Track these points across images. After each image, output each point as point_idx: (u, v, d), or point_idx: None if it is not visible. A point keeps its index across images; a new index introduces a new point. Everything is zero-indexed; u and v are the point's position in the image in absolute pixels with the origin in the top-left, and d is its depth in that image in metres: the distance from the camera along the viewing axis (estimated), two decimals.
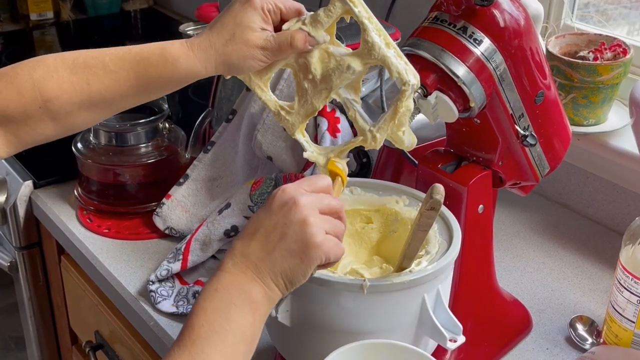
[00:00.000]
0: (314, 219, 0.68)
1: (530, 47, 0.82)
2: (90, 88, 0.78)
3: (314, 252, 0.67)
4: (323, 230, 0.68)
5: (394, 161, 1.06)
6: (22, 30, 2.13)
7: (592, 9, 1.33)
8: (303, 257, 0.67)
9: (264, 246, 0.68)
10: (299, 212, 0.67)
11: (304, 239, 0.67)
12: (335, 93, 0.80)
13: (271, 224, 0.68)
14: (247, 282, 0.67)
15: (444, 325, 0.78)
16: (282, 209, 0.68)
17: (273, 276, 0.68)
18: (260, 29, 0.77)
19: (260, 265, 0.68)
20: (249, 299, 0.67)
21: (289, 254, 0.67)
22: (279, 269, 0.68)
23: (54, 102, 0.78)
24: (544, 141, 0.89)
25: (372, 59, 0.76)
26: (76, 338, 1.43)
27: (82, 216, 1.24)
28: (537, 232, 1.22)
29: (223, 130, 1.19)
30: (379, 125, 0.78)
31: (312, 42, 0.78)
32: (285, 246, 0.67)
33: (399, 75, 0.75)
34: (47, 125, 0.79)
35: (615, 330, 0.92)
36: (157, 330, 1.01)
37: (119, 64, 0.78)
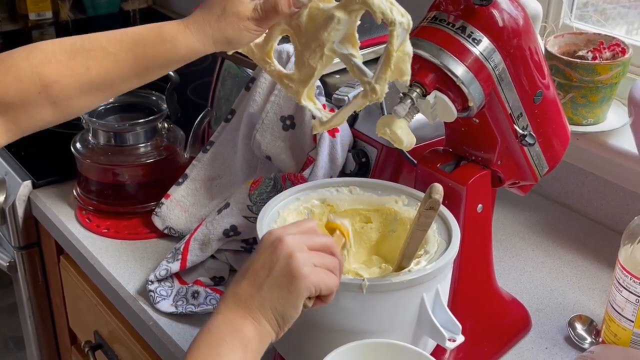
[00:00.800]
0: (300, 253, 0.69)
1: (529, 46, 0.82)
2: (90, 72, 0.78)
3: (301, 282, 0.69)
4: (311, 263, 0.70)
5: (393, 161, 1.06)
6: (21, 30, 2.13)
7: (591, 9, 1.33)
8: (291, 289, 0.69)
9: (253, 284, 0.70)
10: (285, 249, 0.69)
11: (290, 271, 0.69)
12: (329, 49, 0.78)
13: (259, 263, 0.70)
14: (238, 320, 0.69)
15: (443, 324, 0.78)
16: (269, 248, 0.70)
17: (263, 312, 0.69)
18: (248, 1, 0.78)
19: (249, 302, 0.69)
20: (240, 335, 0.68)
21: (277, 287, 0.69)
22: (269, 304, 0.69)
23: (53, 87, 0.78)
24: (542, 141, 0.89)
25: (356, 5, 0.75)
26: (75, 338, 1.43)
27: (81, 216, 1.24)
28: (536, 232, 1.22)
29: (222, 130, 1.19)
30: (376, 74, 0.76)
31: (297, 4, 0.78)
32: (272, 281, 0.69)
33: (383, 15, 0.73)
34: (46, 111, 0.79)
35: (614, 330, 0.92)
36: (156, 330, 1.01)
37: (117, 46, 0.78)
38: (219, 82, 1.28)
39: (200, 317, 1.02)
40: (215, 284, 1.06)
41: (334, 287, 0.71)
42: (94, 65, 0.78)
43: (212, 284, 1.06)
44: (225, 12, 0.78)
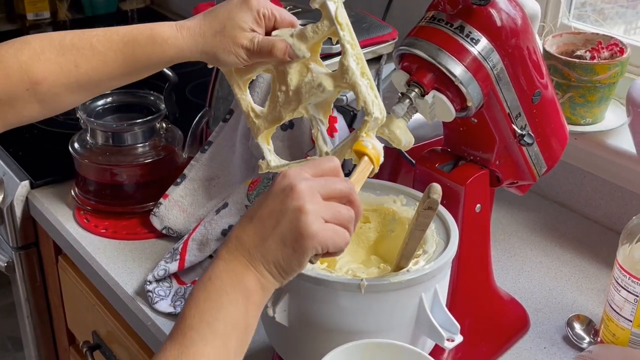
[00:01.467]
0: (311, 206, 0.64)
1: (528, 46, 0.82)
2: (78, 70, 0.78)
3: (307, 242, 0.64)
4: (321, 218, 0.65)
5: (391, 161, 1.06)
6: (19, 29, 2.12)
7: (589, 8, 1.33)
8: (296, 247, 0.65)
9: (259, 232, 0.66)
10: (296, 199, 0.64)
11: (298, 227, 0.64)
12: (304, 107, 0.81)
13: (267, 210, 0.66)
14: (240, 270, 0.65)
15: (441, 324, 0.78)
16: (280, 195, 0.65)
17: (266, 264, 0.66)
18: (250, 30, 0.79)
19: (253, 252, 0.66)
20: (241, 286, 0.65)
21: (282, 243, 0.65)
22: (272, 258, 0.65)
23: (41, 84, 0.78)
24: (541, 140, 0.89)
25: (344, 83, 0.77)
26: (73, 338, 1.43)
27: (79, 216, 1.23)
28: (535, 231, 1.22)
29: (220, 129, 1.19)
30: (336, 149, 0.79)
31: (292, 55, 0.79)
32: (278, 234, 0.65)
33: (364, 105, 0.76)
34: (33, 107, 0.79)
35: (613, 329, 0.92)
36: (155, 330, 1.01)
37: (106, 45, 0.79)
38: (217, 82, 1.28)
39: None
40: None
41: (343, 245, 0.67)
42: (83, 63, 0.78)
43: None
44: (223, 31, 0.79)
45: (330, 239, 0.66)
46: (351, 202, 0.68)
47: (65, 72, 0.78)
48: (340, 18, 0.77)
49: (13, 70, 0.77)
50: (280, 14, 0.81)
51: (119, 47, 0.79)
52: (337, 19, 0.77)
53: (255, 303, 0.66)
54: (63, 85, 0.79)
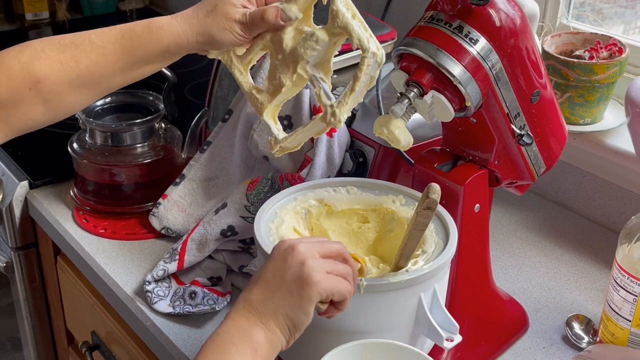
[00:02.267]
0: (312, 260, 0.70)
1: (526, 46, 0.82)
2: (79, 65, 0.79)
3: (312, 288, 0.69)
4: (323, 270, 0.70)
5: (390, 161, 1.06)
6: (18, 30, 2.12)
7: (588, 8, 1.33)
8: (302, 294, 0.69)
9: (265, 290, 0.70)
10: (297, 256, 0.70)
11: (302, 277, 0.69)
12: (302, 69, 0.80)
13: (271, 270, 0.71)
14: (248, 325, 0.69)
15: (440, 324, 0.78)
16: (281, 256, 0.71)
17: (274, 318, 0.69)
18: (241, 6, 0.80)
19: (261, 307, 0.69)
20: (249, 339, 0.68)
21: (289, 294, 0.69)
22: (280, 310, 0.69)
23: (43, 83, 0.78)
24: (540, 140, 0.89)
25: (336, 28, 0.76)
26: (73, 338, 1.43)
27: (78, 216, 1.23)
28: (534, 231, 1.22)
29: (219, 130, 1.18)
30: (339, 98, 0.77)
31: (284, 17, 0.79)
32: (285, 287, 0.70)
33: (359, 42, 0.75)
34: (37, 109, 0.79)
35: (612, 329, 0.92)
36: (154, 331, 1.01)
37: (105, 38, 0.80)
38: (216, 82, 1.28)
39: (198, 318, 1.02)
40: (213, 284, 1.06)
41: (346, 293, 0.72)
42: (83, 58, 0.79)
43: (209, 284, 1.06)
44: (215, 10, 0.80)
45: (334, 285, 0.70)
46: (345, 261, 0.73)
47: (66, 68, 0.79)
48: None
49: (15, 70, 0.78)
50: None
51: (117, 39, 0.80)
52: None
53: (262, 356, 0.69)
54: (65, 82, 0.79)
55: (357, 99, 0.77)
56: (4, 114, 0.78)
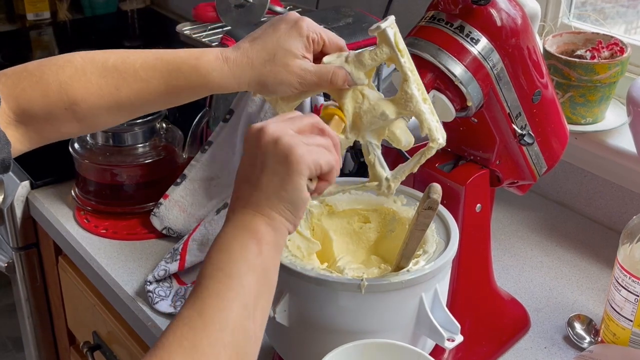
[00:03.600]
0: (287, 136, 0.65)
1: (528, 46, 0.82)
2: (119, 93, 0.77)
3: (299, 163, 0.64)
4: (301, 142, 0.65)
5: (391, 161, 1.05)
6: (19, 30, 2.13)
7: (590, 8, 1.33)
8: (289, 172, 0.64)
9: (249, 181, 0.66)
10: (269, 135, 0.65)
11: (283, 155, 0.64)
12: (360, 135, 0.79)
13: (248, 161, 0.66)
14: (246, 220, 0.65)
15: (441, 324, 0.78)
16: (253, 141, 0.66)
17: (270, 205, 0.65)
18: (301, 57, 0.76)
19: (253, 200, 0.65)
20: (250, 231, 0.65)
21: (274, 175, 0.65)
22: (272, 195, 0.65)
23: (80, 105, 0.76)
24: (541, 140, 0.89)
25: (407, 111, 0.76)
26: (74, 339, 1.43)
27: (79, 216, 1.23)
28: (535, 231, 1.22)
29: (220, 130, 1.19)
30: (396, 175, 0.78)
31: (351, 82, 0.76)
32: (267, 171, 0.65)
33: (429, 132, 0.76)
34: (70, 125, 0.78)
35: (613, 329, 0.92)
36: (155, 331, 1.01)
37: (150, 72, 0.77)
38: None
39: None
40: None
41: (334, 162, 0.67)
42: (124, 88, 0.77)
43: None
44: (274, 60, 0.75)
45: (321, 156, 0.66)
46: (323, 131, 0.68)
47: (105, 94, 0.77)
48: (400, 45, 0.75)
49: (53, 89, 0.76)
50: (328, 38, 0.78)
51: (162, 75, 0.77)
52: (397, 46, 0.74)
53: (269, 244, 0.65)
54: (102, 107, 0.77)
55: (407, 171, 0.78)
56: (38, 126, 0.77)
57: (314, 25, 0.77)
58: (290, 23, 0.77)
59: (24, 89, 0.75)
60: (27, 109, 0.76)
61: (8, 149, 0.74)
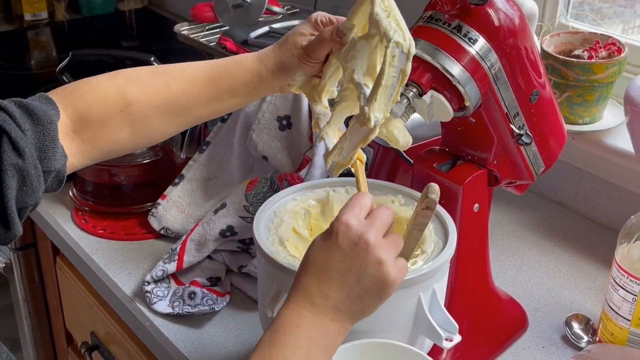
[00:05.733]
0: (386, 255, 0.69)
1: (525, 46, 0.82)
2: (169, 91, 0.83)
3: (391, 289, 0.70)
4: (393, 258, 0.71)
5: (389, 161, 1.06)
6: (17, 30, 2.12)
7: (587, 8, 1.33)
8: (382, 295, 0.70)
9: (342, 289, 0.70)
10: (371, 252, 0.69)
11: (381, 279, 0.69)
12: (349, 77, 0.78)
13: (346, 267, 0.69)
14: (327, 323, 0.69)
15: (440, 324, 0.78)
16: (355, 250, 0.69)
17: (351, 316, 0.70)
18: (309, 34, 0.85)
19: (340, 307, 0.69)
20: (327, 339, 0.69)
21: (368, 295, 0.70)
22: (357, 309, 0.70)
23: (134, 106, 0.82)
24: (539, 140, 0.89)
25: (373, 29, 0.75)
26: (72, 339, 1.43)
27: (77, 217, 1.23)
28: (533, 231, 1.22)
29: (218, 130, 1.18)
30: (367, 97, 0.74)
31: (339, 32, 0.81)
32: (363, 288, 0.69)
33: (384, 34, 0.73)
34: (124, 131, 0.82)
35: (611, 329, 0.92)
36: (153, 331, 1.01)
37: (195, 68, 0.85)
38: None
39: (197, 318, 1.02)
40: (212, 285, 1.06)
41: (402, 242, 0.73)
42: (174, 85, 0.84)
43: (208, 285, 1.06)
44: (286, 40, 0.86)
45: (403, 274, 0.72)
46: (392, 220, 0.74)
47: (157, 92, 0.83)
48: None
49: (109, 92, 0.81)
50: (337, 19, 0.85)
51: (206, 69, 0.85)
52: None
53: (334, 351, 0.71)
54: (154, 107, 0.83)
55: (389, 94, 0.74)
56: (92, 133, 0.80)
57: (324, 13, 0.87)
58: None
59: (82, 95, 0.80)
60: (84, 114, 0.80)
61: (64, 161, 0.77)
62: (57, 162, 0.75)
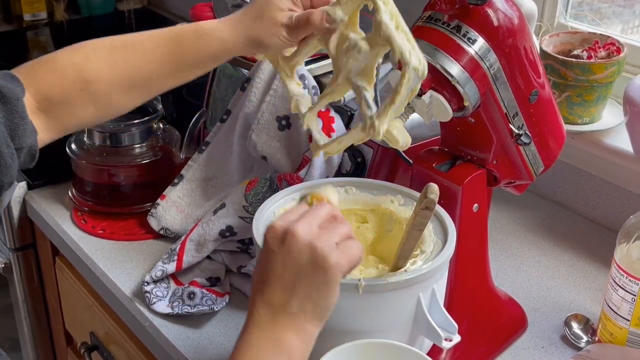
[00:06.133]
0: (318, 241, 0.66)
1: (524, 46, 0.82)
2: (129, 66, 0.81)
3: (336, 269, 0.66)
4: (333, 244, 0.67)
5: (388, 161, 1.06)
6: (16, 30, 2.12)
7: (586, 8, 1.33)
8: (327, 280, 0.66)
9: (283, 288, 0.67)
10: (301, 241, 0.66)
11: (319, 263, 0.66)
12: (345, 76, 0.79)
13: (279, 265, 0.67)
14: (279, 332, 0.66)
15: (439, 324, 0.78)
16: (283, 247, 0.67)
17: (304, 313, 0.67)
18: (287, 9, 0.80)
19: (287, 308, 0.67)
20: (281, 347, 0.66)
21: (312, 284, 0.66)
22: (309, 303, 0.67)
23: (94, 84, 0.80)
24: (538, 140, 0.89)
25: (379, 39, 0.75)
26: (71, 339, 1.43)
27: (76, 217, 1.23)
28: (532, 231, 1.22)
29: (217, 130, 1.19)
30: (379, 110, 0.75)
31: (329, 20, 0.78)
32: (304, 278, 0.66)
33: (400, 55, 0.73)
34: (87, 109, 0.81)
35: (610, 329, 0.92)
36: (152, 331, 1.01)
37: (155, 41, 0.81)
38: (215, 82, 1.28)
39: (197, 318, 1.02)
40: (211, 285, 1.06)
41: (361, 255, 0.69)
42: (133, 60, 0.81)
43: (208, 285, 1.06)
44: (261, 15, 0.80)
45: (350, 256, 0.68)
46: (336, 219, 0.71)
47: (116, 69, 0.80)
48: None
49: (68, 71, 0.79)
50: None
51: (166, 42, 0.81)
52: None
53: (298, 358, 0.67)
54: (115, 84, 0.81)
55: (397, 111, 0.76)
56: (56, 111, 0.80)
57: None
58: None
59: (42, 76, 0.79)
60: (46, 95, 0.79)
61: (35, 136, 0.77)
62: (28, 138, 0.76)
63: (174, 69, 0.82)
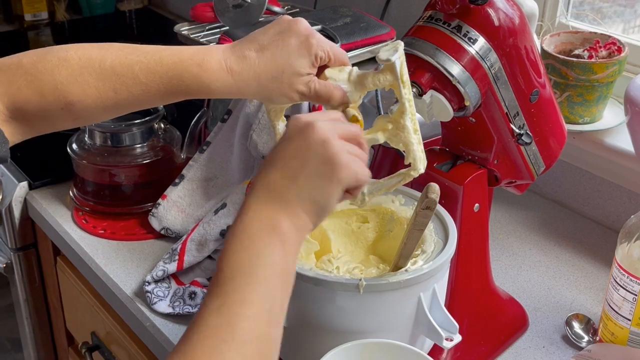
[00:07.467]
0: (335, 140, 0.64)
1: (525, 45, 0.82)
2: (117, 96, 0.75)
3: (343, 171, 0.64)
4: (346, 150, 0.65)
5: (389, 160, 1.06)
6: (17, 30, 2.12)
7: (587, 7, 1.33)
8: (332, 178, 0.64)
9: (286, 174, 0.64)
10: (319, 133, 0.64)
11: (329, 158, 0.64)
12: None
13: (290, 151, 0.65)
14: (272, 215, 0.64)
15: (440, 324, 0.78)
16: (300, 134, 0.65)
17: (301, 203, 0.64)
18: (306, 74, 0.76)
19: (284, 194, 0.64)
20: (276, 232, 0.63)
21: (316, 177, 0.64)
22: (307, 195, 0.64)
23: (76, 106, 0.75)
24: (539, 140, 0.89)
25: (397, 139, 0.75)
26: (72, 339, 1.43)
27: (77, 217, 1.23)
28: (533, 231, 1.22)
29: (218, 130, 1.19)
30: (372, 190, 0.77)
31: (347, 102, 0.77)
32: (310, 170, 0.64)
33: (413, 162, 0.75)
34: (66, 123, 0.77)
35: (612, 328, 0.92)
36: (154, 331, 1.01)
37: (150, 77, 0.75)
38: None
39: None
40: None
41: (366, 180, 0.68)
42: (123, 91, 0.75)
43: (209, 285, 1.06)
44: (281, 77, 0.75)
45: (360, 170, 0.66)
46: (360, 144, 0.68)
47: (102, 97, 0.75)
48: (405, 76, 0.75)
49: (49, 89, 0.74)
50: (334, 55, 0.78)
51: (163, 80, 0.75)
52: (401, 77, 0.74)
53: (292, 245, 0.64)
54: (99, 108, 0.76)
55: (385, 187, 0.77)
56: (32, 122, 0.76)
57: (323, 42, 0.76)
58: (301, 38, 0.75)
59: (19, 88, 0.73)
60: (22, 108, 0.74)
61: (6, 146, 0.74)
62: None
63: (164, 100, 0.78)
